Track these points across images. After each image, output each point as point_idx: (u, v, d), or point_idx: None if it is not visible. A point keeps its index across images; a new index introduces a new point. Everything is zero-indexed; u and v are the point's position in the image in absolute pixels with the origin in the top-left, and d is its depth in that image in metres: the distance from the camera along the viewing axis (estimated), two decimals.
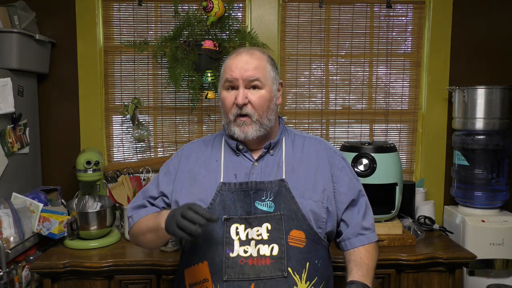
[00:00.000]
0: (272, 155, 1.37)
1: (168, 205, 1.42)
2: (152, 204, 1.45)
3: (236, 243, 1.25)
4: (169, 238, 1.33)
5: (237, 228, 1.26)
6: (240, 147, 1.36)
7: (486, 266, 2.22)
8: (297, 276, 1.24)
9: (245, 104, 1.30)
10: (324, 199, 1.33)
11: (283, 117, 1.52)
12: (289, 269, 1.24)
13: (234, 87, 1.32)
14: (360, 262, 1.33)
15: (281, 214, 1.27)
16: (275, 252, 1.24)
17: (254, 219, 1.26)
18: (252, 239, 1.25)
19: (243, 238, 1.25)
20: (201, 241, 1.28)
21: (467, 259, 1.92)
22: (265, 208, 1.28)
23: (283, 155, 1.37)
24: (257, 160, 1.35)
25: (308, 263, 1.26)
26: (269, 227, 1.26)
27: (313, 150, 1.41)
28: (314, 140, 1.45)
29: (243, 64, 1.30)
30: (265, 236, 1.25)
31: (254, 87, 1.31)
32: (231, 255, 1.24)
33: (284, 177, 1.32)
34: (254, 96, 1.31)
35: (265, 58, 1.35)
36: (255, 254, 1.24)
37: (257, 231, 1.26)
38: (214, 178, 1.33)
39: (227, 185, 1.30)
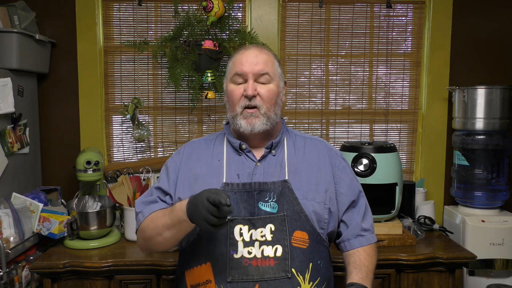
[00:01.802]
0: (274, 155, 1.37)
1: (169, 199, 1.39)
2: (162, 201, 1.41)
3: (240, 244, 1.24)
4: (189, 232, 1.26)
5: (240, 229, 1.25)
6: (243, 146, 1.36)
7: (486, 266, 2.22)
8: (301, 276, 1.24)
9: (254, 96, 1.31)
10: (327, 200, 1.33)
11: (284, 118, 1.52)
12: (293, 270, 1.23)
13: (243, 81, 1.33)
14: (360, 264, 1.33)
15: (285, 215, 1.27)
16: (279, 253, 1.24)
17: (258, 220, 1.26)
18: (256, 240, 1.25)
19: (247, 239, 1.25)
20: (206, 241, 1.28)
21: (467, 259, 1.93)
22: (268, 209, 1.28)
23: (285, 155, 1.37)
24: (259, 161, 1.35)
25: (311, 264, 1.26)
26: (273, 228, 1.26)
27: (314, 150, 1.41)
28: (315, 140, 1.45)
29: (253, 58, 1.32)
30: (269, 237, 1.25)
31: (263, 81, 1.32)
32: (235, 256, 1.23)
33: (287, 177, 1.32)
34: (263, 89, 1.32)
35: (272, 55, 1.38)
36: (259, 255, 1.23)
37: (261, 232, 1.25)
38: (217, 178, 1.32)
39: (230, 185, 1.30)
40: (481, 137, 2.26)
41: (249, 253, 1.23)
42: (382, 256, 1.81)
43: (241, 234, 1.25)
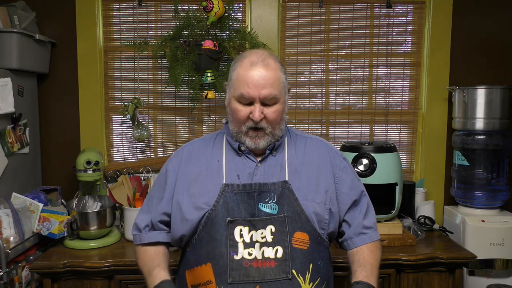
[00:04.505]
0: (274, 156, 1.36)
1: (168, 219, 1.39)
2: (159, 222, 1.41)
3: (241, 246, 1.24)
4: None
5: (241, 230, 1.25)
6: (243, 148, 1.35)
7: (486, 266, 2.22)
8: (301, 277, 1.24)
9: (261, 120, 1.28)
10: (327, 201, 1.33)
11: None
12: (293, 271, 1.23)
13: (249, 102, 1.28)
14: (364, 262, 1.33)
15: (285, 216, 1.27)
16: (279, 254, 1.24)
17: (259, 221, 1.26)
18: (257, 241, 1.24)
19: (247, 240, 1.24)
20: (206, 241, 1.27)
21: (467, 259, 1.93)
22: (268, 210, 1.27)
23: (285, 156, 1.36)
24: (260, 161, 1.35)
25: (311, 265, 1.26)
26: (273, 230, 1.25)
27: (315, 151, 1.41)
28: (315, 140, 1.45)
29: (259, 79, 1.25)
30: (269, 238, 1.25)
31: (270, 103, 1.28)
32: (236, 257, 1.23)
33: (287, 178, 1.31)
34: (270, 110, 1.28)
35: (278, 67, 1.30)
36: (259, 257, 1.23)
37: (261, 233, 1.25)
38: (217, 179, 1.32)
39: (230, 186, 1.29)
40: (481, 137, 2.26)
41: (250, 254, 1.23)
42: (382, 256, 1.79)
43: (241, 235, 1.25)
